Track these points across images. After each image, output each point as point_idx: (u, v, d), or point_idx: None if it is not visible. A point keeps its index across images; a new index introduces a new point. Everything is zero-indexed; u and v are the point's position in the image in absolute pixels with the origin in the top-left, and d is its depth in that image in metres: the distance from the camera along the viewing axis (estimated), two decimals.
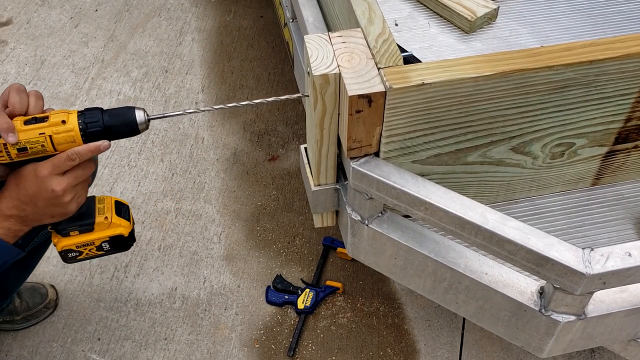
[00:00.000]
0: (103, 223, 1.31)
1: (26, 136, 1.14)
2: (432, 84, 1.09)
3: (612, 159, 1.42)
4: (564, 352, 1.26)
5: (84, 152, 1.17)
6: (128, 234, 1.34)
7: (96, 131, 1.17)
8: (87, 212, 1.30)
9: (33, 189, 1.17)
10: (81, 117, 1.17)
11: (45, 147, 1.16)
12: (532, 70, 1.13)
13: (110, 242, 1.33)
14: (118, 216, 1.33)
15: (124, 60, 3.11)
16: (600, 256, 1.04)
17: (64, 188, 1.18)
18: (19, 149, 1.15)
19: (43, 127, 1.15)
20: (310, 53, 1.14)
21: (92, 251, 1.33)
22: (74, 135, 1.16)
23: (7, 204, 1.20)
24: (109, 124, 1.17)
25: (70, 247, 1.31)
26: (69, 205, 1.21)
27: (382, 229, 1.28)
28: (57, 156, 1.17)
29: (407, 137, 1.20)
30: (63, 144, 1.16)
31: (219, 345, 2.11)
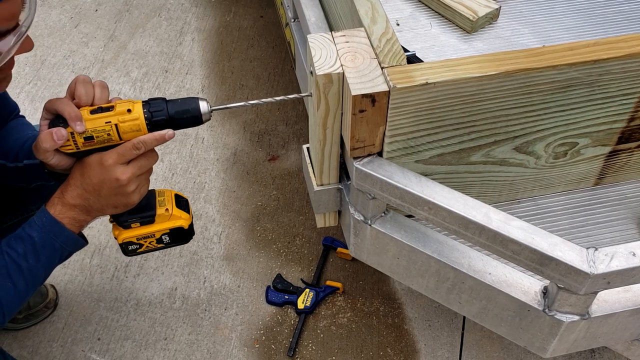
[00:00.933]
0: (164, 215, 1.31)
1: (93, 125, 1.16)
2: (436, 83, 1.09)
3: (615, 158, 1.42)
4: (567, 352, 1.26)
5: (150, 140, 1.18)
6: (188, 226, 1.35)
7: (161, 120, 1.18)
8: (148, 204, 1.31)
9: (98, 177, 1.19)
10: (146, 107, 1.18)
11: (111, 135, 1.17)
12: (536, 70, 1.13)
13: (171, 234, 1.34)
14: (178, 208, 1.34)
15: (124, 60, 3.10)
16: (605, 256, 1.04)
17: (129, 177, 1.19)
18: (85, 138, 1.16)
19: (109, 116, 1.16)
20: (314, 52, 1.14)
21: (152, 244, 1.34)
22: (140, 124, 1.17)
23: (72, 193, 1.22)
24: (173, 113, 1.19)
25: (131, 239, 1.32)
26: (133, 196, 1.23)
27: (385, 229, 1.28)
28: (122, 145, 1.18)
29: (411, 136, 1.19)
30: (128, 132, 1.17)
31: (219, 345, 2.11)
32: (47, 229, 1.23)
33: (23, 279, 1.24)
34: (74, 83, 1.19)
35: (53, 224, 1.23)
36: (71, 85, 1.20)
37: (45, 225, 1.23)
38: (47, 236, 1.24)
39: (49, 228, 1.23)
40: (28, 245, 1.23)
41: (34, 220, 1.24)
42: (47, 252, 1.25)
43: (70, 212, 1.23)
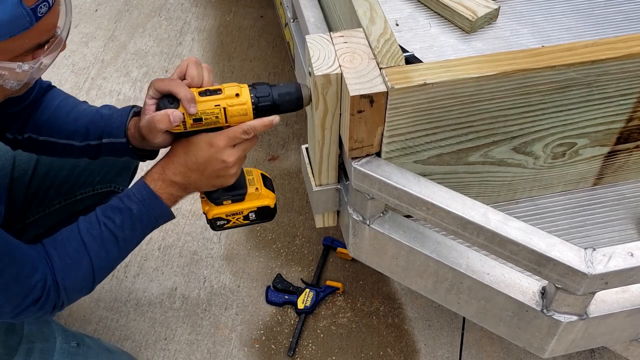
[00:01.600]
0: (254, 194, 1.36)
1: (202, 107, 1.18)
2: (434, 84, 1.09)
3: (613, 159, 1.42)
4: (565, 352, 1.27)
5: (259, 126, 1.23)
6: (274, 205, 1.38)
7: (266, 105, 1.21)
8: (239, 183, 1.34)
9: (204, 157, 1.23)
10: (252, 92, 1.20)
11: (219, 118, 1.19)
12: (534, 70, 1.13)
13: (257, 212, 1.38)
14: (265, 187, 1.38)
15: (124, 60, 3.10)
16: (602, 256, 1.04)
17: (235, 160, 1.24)
18: (194, 120, 1.19)
19: (218, 99, 1.19)
20: (312, 53, 1.14)
21: (239, 220, 1.38)
22: (247, 109, 1.20)
23: (174, 169, 1.26)
24: (277, 98, 1.21)
25: (220, 216, 1.36)
26: (232, 177, 1.28)
27: (383, 229, 1.28)
28: (232, 129, 1.21)
29: (409, 137, 1.20)
30: (235, 116, 1.20)
31: (219, 345, 2.11)
32: (147, 203, 1.28)
33: (117, 248, 1.30)
34: (186, 64, 1.23)
35: (152, 199, 1.28)
36: (182, 66, 1.24)
37: (145, 199, 1.28)
38: (145, 209, 1.29)
39: (148, 202, 1.29)
40: (126, 217, 1.28)
41: (133, 193, 1.29)
42: (143, 224, 1.31)
43: (169, 188, 1.28)
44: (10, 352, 1.45)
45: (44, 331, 1.53)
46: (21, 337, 1.48)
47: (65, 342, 1.54)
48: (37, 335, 1.51)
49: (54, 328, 1.55)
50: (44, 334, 1.53)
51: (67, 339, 1.55)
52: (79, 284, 1.29)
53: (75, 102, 1.51)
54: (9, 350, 1.45)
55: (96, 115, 1.44)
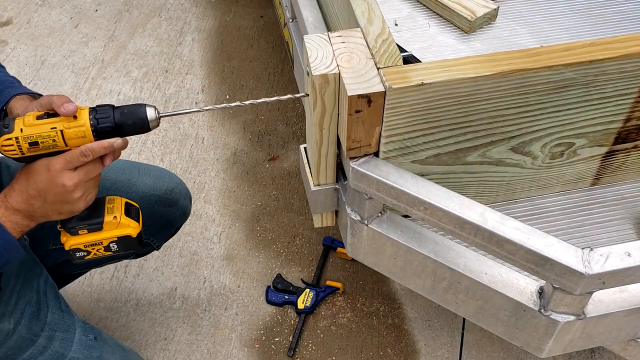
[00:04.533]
0: (112, 222, 1.31)
1: (38, 130, 1.15)
2: (432, 84, 1.09)
3: (611, 159, 1.42)
4: (563, 352, 1.26)
5: (97, 149, 1.18)
6: (136, 234, 1.34)
7: (107, 127, 1.17)
8: (97, 211, 1.30)
9: (43, 183, 1.18)
10: (92, 113, 1.17)
11: (56, 141, 1.16)
12: (532, 70, 1.13)
13: (118, 242, 1.33)
14: (127, 216, 1.33)
15: (124, 60, 3.11)
16: (600, 256, 1.04)
17: (75, 183, 1.18)
18: (30, 143, 1.15)
19: (55, 122, 1.15)
20: (310, 53, 1.14)
21: (100, 251, 1.33)
22: (85, 131, 1.16)
23: (16, 197, 1.21)
24: (119, 120, 1.18)
25: (78, 247, 1.31)
26: (78, 203, 1.22)
27: (381, 229, 1.28)
28: (70, 152, 1.17)
29: (407, 137, 1.20)
30: (74, 139, 1.16)
31: (219, 345, 2.11)
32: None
33: None
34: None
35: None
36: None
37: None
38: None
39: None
40: None
41: None
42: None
43: (13, 217, 1.21)
44: (33, 337, 1.46)
45: (65, 321, 1.53)
46: (44, 324, 1.48)
47: (84, 334, 1.54)
48: (59, 325, 1.51)
49: (75, 319, 1.55)
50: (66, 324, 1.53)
51: (86, 331, 1.55)
52: None
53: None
54: (32, 335, 1.46)
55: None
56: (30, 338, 1.46)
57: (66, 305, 1.58)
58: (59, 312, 1.53)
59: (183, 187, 1.81)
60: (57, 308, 1.53)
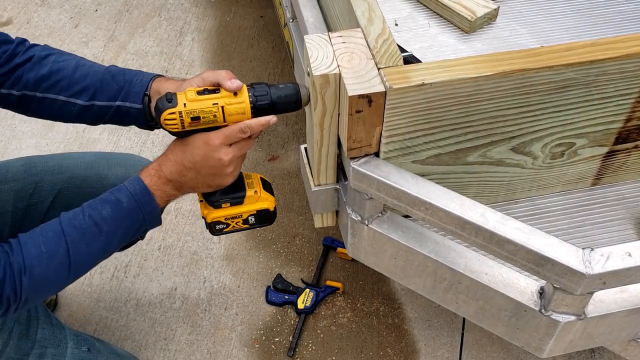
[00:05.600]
0: (253, 197, 1.34)
1: (200, 106, 1.18)
2: (433, 84, 1.09)
3: (612, 159, 1.42)
4: (564, 352, 1.26)
5: (256, 125, 1.21)
6: (273, 208, 1.38)
7: (265, 105, 1.20)
8: (238, 186, 1.33)
9: (200, 156, 1.21)
10: (251, 91, 1.20)
11: (216, 117, 1.19)
12: (533, 71, 1.13)
13: (257, 215, 1.37)
14: (265, 191, 1.36)
15: (124, 60, 3.11)
16: (600, 256, 1.04)
17: (231, 159, 1.22)
18: (192, 118, 1.18)
19: (216, 98, 1.18)
20: (311, 53, 1.14)
21: (238, 224, 1.37)
22: (245, 108, 1.19)
23: (171, 168, 1.24)
24: (275, 98, 1.20)
25: (219, 219, 1.34)
26: (229, 177, 1.26)
27: (382, 229, 1.28)
28: (229, 127, 1.20)
29: (407, 137, 1.20)
30: (234, 115, 1.19)
31: (219, 345, 2.11)
32: (138, 197, 1.24)
33: (99, 242, 1.24)
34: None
35: (145, 194, 1.25)
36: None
37: (137, 193, 1.24)
38: (134, 205, 1.25)
39: (140, 196, 1.25)
40: (115, 209, 1.24)
41: (125, 187, 1.25)
42: (130, 220, 1.26)
43: (164, 186, 1.26)
44: (22, 356, 1.45)
45: (56, 336, 1.52)
46: (34, 342, 1.47)
47: (76, 347, 1.53)
48: (50, 340, 1.50)
49: (66, 333, 1.54)
50: (57, 339, 1.52)
51: (79, 344, 1.55)
52: (51, 276, 1.21)
53: (75, 56, 1.44)
54: (21, 355, 1.45)
55: (107, 75, 1.39)
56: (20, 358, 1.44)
57: (56, 319, 1.57)
58: (50, 327, 1.52)
59: None
60: (47, 323, 1.52)
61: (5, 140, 2.75)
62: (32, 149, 2.71)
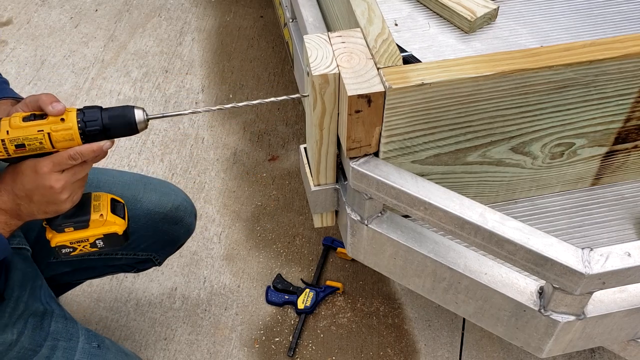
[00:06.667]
0: (98, 220, 1.30)
1: (25, 133, 1.14)
2: (432, 84, 1.09)
3: (611, 159, 1.42)
4: (563, 352, 1.26)
5: (87, 152, 1.17)
6: (122, 232, 1.34)
7: (95, 130, 1.16)
8: (83, 209, 1.30)
9: (31, 184, 1.17)
10: (80, 116, 1.16)
11: (43, 144, 1.15)
12: (532, 70, 1.13)
13: (105, 239, 1.32)
14: (113, 214, 1.32)
15: (124, 60, 3.11)
16: (600, 256, 1.04)
17: (63, 185, 1.18)
18: (16, 145, 1.14)
19: (42, 125, 1.14)
20: (310, 53, 1.14)
21: (85, 247, 1.33)
22: (73, 134, 1.15)
23: (3, 197, 1.20)
24: (107, 123, 1.16)
25: (64, 244, 1.30)
26: (65, 203, 1.22)
27: (381, 229, 1.28)
28: (58, 154, 1.16)
29: (407, 137, 1.20)
30: (61, 141, 1.15)
31: (219, 345, 2.11)
32: None
33: None
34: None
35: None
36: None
37: None
38: None
39: None
40: None
41: None
42: None
43: (1, 217, 1.22)
44: (36, 347, 1.46)
45: (69, 330, 1.53)
46: (47, 334, 1.48)
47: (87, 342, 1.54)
48: (63, 334, 1.51)
49: (78, 328, 1.55)
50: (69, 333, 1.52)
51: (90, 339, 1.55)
52: None
53: None
54: (34, 346, 1.45)
55: None
56: (33, 349, 1.45)
57: (69, 314, 1.58)
58: (63, 321, 1.53)
59: (189, 203, 1.80)
60: (61, 317, 1.53)
61: None
62: None
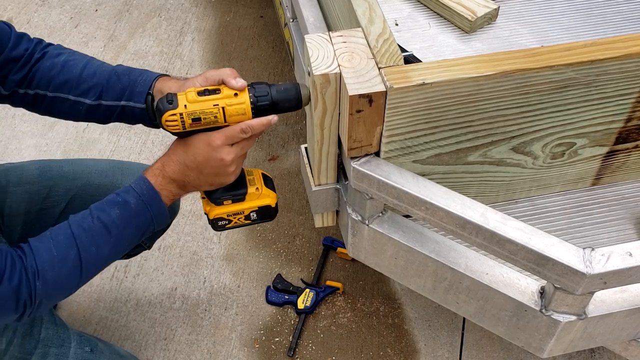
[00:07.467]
0: (254, 194, 1.35)
1: (201, 107, 1.18)
2: (433, 83, 1.09)
3: (612, 159, 1.42)
4: (564, 352, 1.26)
5: (257, 126, 1.21)
6: (275, 204, 1.38)
7: (265, 105, 1.21)
8: (240, 183, 1.34)
9: (203, 156, 1.22)
10: (251, 91, 1.21)
11: (217, 118, 1.19)
12: (533, 70, 1.13)
13: (259, 211, 1.37)
14: (266, 187, 1.37)
15: (124, 60, 3.10)
16: (601, 256, 1.04)
17: (232, 159, 1.23)
18: (193, 119, 1.19)
19: (217, 99, 1.19)
20: (311, 53, 1.14)
21: (240, 220, 1.38)
22: (245, 108, 1.20)
23: (174, 168, 1.26)
24: (276, 98, 1.21)
25: (221, 216, 1.36)
26: (231, 176, 1.27)
27: (382, 229, 1.28)
28: (230, 128, 1.21)
29: (408, 136, 1.20)
30: (234, 116, 1.20)
31: (219, 345, 2.11)
32: (146, 197, 1.26)
33: (109, 244, 1.25)
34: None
35: (152, 194, 1.26)
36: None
37: (145, 194, 1.26)
38: (143, 205, 1.26)
39: (147, 197, 1.26)
40: (123, 210, 1.25)
41: (132, 187, 1.26)
42: (138, 221, 1.27)
43: (169, 185, 1.27)
44: (26, 356, 1.45)
45: (60, 336, 1.53)
46: (38, 342, 1.48)
47: (79, 347, 1.54)
48: (53, 340, 1.51)
49: (70, 333, 1.55)
50: (60, 339, 1.52)
51: (82, 344, 1.55)
52: (63, 280, 1.22)
53: (85, 56, 1.46)
54: (24, 354, 1.45)
55: (113, 75, 1.41)
56: (23, 357, 1.45)
57: (60, 319, 1.57)
58: (54, 327, 1.52)
59: None
60: (51, 323, 1.52)
61: (5, 140, 2.75)
62: (32, 149, 2.71)
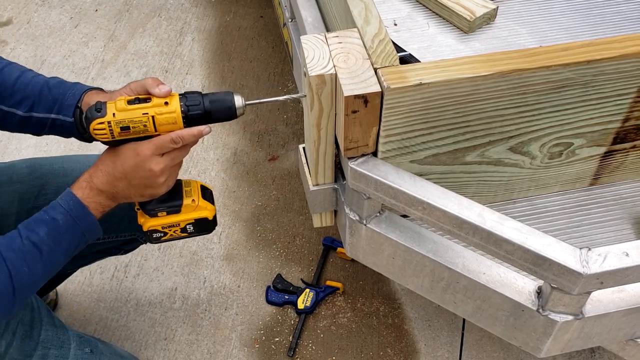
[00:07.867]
0: (190, 205, 1.33)
1: (130, 115, 1.17)
2: (430, 84, 1.09)
3: (610, 159, 1.42)
4: (561, 352, 1.26)
5: (187, 136, 1.20)
6: (212, 217, 1.37)
7: (197, 114, 1.19)
8: (175, 194, 1.32)
9: (130, 166, 1.20)
10: (182, 100, 1.19)
11: (147, 127, 1.18)
12: (530, 70, 1.13)
13: (195, 224, 1.36)
14: (204, 199, 1.36)
15: (124, 60, 3.11)
16: (598, 256, 1.04)
17: (162, 169, 1.21)
18: (122, 128, 1.17)
19: (147, 107, 1.17)
20: (307, 53, 1.14)
21: (176, 232, 1.36)
22: (176, 117, 1.18)
23: (101, 179, 1.23)
24: (209, 108, 1.20)
25: (156, 228, 1.33)
26: (162, 187, 1.25)
27: (380, 229, 1.28)
28: (160, 137, 1.19)
29: (405, 137, 1.20)
30: (164, 125, 1.18)
31: (219, 345, 2.11)
32: (73, 212, 1.23)
33: (41, 263, 1.23)
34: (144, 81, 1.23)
35: (79, 208, 1.23)
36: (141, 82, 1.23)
37: (72, 208, 1.23)
38: (71, 221, 1.23)
39: (75, 212, 1.23)
40: (51, 228, 1.22)
41: (59, 203, 1.24)
42: (69, 237, 1.25)
43: (97, 197, 1.24)
44: (25, 358, 1.45)
45: (59, 337, 1.52)
46: (37, 344, 1.47)
47: (79, 348, 1.53)
48: (53, 342, 1.50)
49: (69, 334, 1.54)
50: (60, 340, 1.52)
51: (82, 345, 1.55)
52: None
53: (21, 68, 1.45)
54: (24, 356, 1.44)
55: (45, 87, 1.39)
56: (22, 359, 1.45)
57: (59, 320, 1.57)
58: (53, 329, 1.52)
59: None
60: (50, 324, 1.52)
61: (5, 140, 2.75)
62: (32, 149, 2.71)
